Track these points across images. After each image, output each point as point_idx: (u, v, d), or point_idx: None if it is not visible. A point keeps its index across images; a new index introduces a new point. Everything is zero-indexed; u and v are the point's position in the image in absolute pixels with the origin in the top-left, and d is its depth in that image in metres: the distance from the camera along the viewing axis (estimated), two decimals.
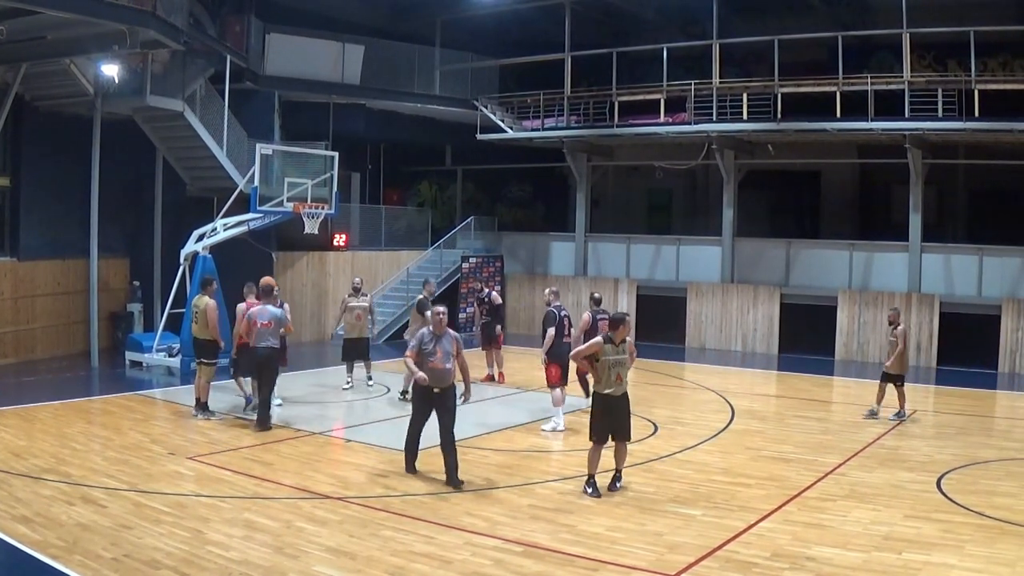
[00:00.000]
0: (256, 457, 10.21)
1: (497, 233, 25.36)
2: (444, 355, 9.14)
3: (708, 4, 20.06)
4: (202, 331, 12.26)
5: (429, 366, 9.07)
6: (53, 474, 9.22)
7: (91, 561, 6.83)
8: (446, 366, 9.15)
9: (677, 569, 6.96)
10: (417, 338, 9.28)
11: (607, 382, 8.89)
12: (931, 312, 18.67)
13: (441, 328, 9.24)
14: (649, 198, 26.46)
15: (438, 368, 9.11)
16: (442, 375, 9.16)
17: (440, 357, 9.12)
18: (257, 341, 11.48)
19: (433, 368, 9.08)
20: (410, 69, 22.42)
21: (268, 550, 7.20)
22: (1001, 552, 7.37)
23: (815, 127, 19.14)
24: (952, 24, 18.63)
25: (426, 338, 9.20)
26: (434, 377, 9.09)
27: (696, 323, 21.38)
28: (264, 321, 11.52)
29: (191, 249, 16.17)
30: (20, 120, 16.73)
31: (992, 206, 20.83)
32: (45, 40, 14.56)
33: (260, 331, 11.48)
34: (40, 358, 17.06)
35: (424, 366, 9.08)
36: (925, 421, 13.53)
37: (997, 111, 17.27)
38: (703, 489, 9.22)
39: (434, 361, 9.10)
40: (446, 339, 9.21)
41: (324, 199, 17.09)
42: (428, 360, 9.08)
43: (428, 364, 9.07)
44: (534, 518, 8.19)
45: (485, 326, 15.68)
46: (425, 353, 9.11)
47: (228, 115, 18.17)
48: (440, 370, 9.12)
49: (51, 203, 17.42)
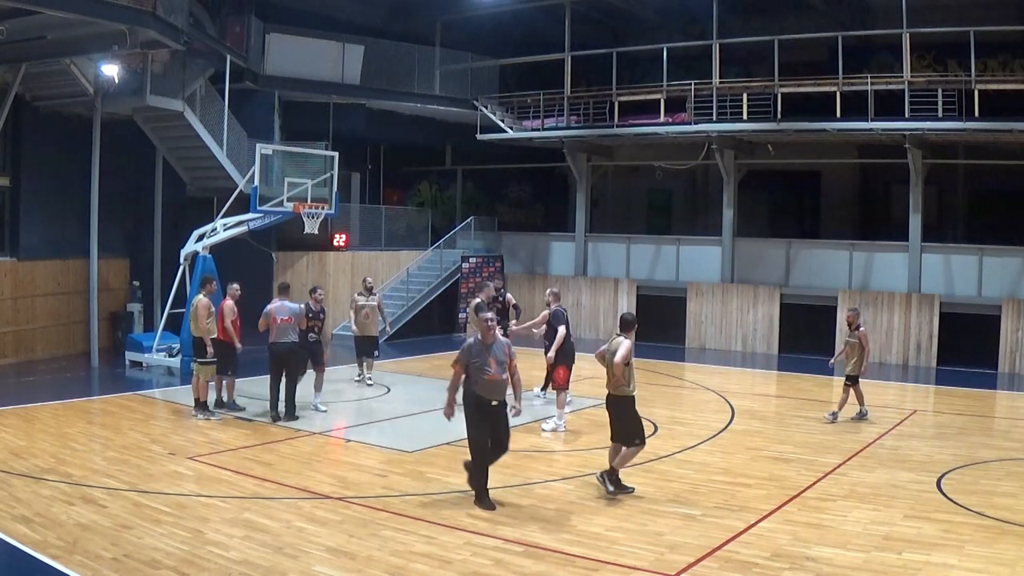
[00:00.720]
0: (256, 457, 10.21)
1: (497, 233, 25.37)
2: (498, 365, 8.48)
3: (708, 4, 20.07)
4: (196, 329, 12.34)
5: (486, 379, 8.40)
6: (53, 474, 9.22)
7: (91, 561, 6.83)
8: (502, 376, 8.51)
9: (677, 569, 6.96)
10: (464, 350, 8.56)
11: (634, 383, 8.93)
12: (931, 312, 18.67)
13: (491, 336, 8.57)
14: (649, 198, 26.48)
15: (495, 380, 8.46)
16: (499, 387, 8.52)
17: (495, 368, 8.45)
18: (278, 337, 12.08)
19: (490, 381, 8.42)
20: (410, 69, 22.44)
21: (268, 550, 7.20)
22: (1001, 552, 7.36)
23: (815, 127, 19.15)
24: (952, 24, 18.63)
25: (474, 349, 8.49)
26: (491, 389, 8.44)
27: (696, 323, 21.39)
28: (284, 317, 12.11)
29: (191, 249, 16.16)
30: (20, 120, 16.74)
31: (992, 206, 20.83)
32: (45, 40, 14.55)
33: (281, 327, 12.08)
34: (40, 358, 17.06)
35: (478, 379, 8.42)
36: (925, 421, 13.55)
37: (997, 111, 17.28)
38: (703, 489, 9.22)
39: (490, 373, 8.41)
40: (497, 347, 8.55)
41: (324, 199, 17.09)
42: (482, 373, 8.40)
43: (484, 377, 8.39)
44: (534, 518, 8.19)
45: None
46: (475, 366, 8.43)
47: (228, 115, 18.18)
48: (497, 382, 8.48)
49: (51, 203, 17.43)
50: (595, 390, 14.63)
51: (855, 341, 12.62)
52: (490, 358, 8.44)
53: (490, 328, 8.56)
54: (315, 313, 12.74)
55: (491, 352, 8.47)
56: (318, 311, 12.81)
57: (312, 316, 12.66)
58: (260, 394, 13.67)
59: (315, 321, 12.73)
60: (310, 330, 12.59)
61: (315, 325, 12.73)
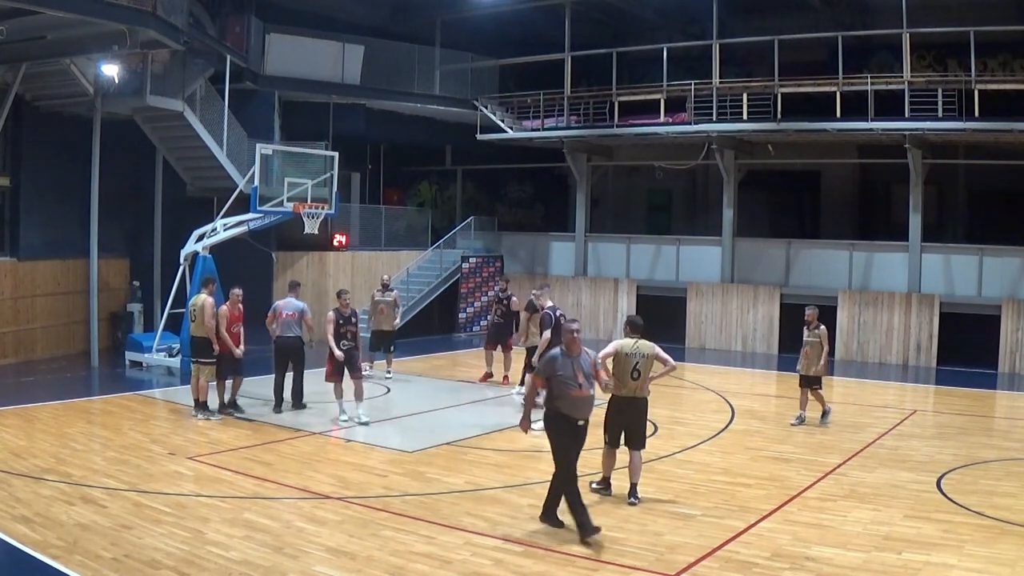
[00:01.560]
0: (256, 457, 10.21)
1: (497, 233, 25.37)
2: (586, 379, 7.74)
3: (708, 4, 20.07)
4: (198, 329, 12.30)
5: (572, 395, 7.63)
6: (53, 474, 9.22)
7: (91, 561, 6.83)
8: (590, 392, 7.79)
9: (677, 569, 6.96)
10: (548, 362, 7.80)
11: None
12: (931, 312, 18.67)
13: (577, 348, 7.84)
14: (649, 198, 26.48)
15: (583, 396, 7.71)
16: (587, 404, 7.79)
17: (582, 382, 7.70)
18: (283, 331, 12.56)
19: (578, 397, 7.67)
20: (410, 69, 22.43)
21: (268, 550, 7.20)
22: (1001, 552, 7.37)
23: (815, 127, 19.15)
24: (952, 24, 18.64)
25: (559, 362, 7.73)
26: (578, 406, 7.69)
27: (696, 323, 21.39)
28: (289, 312, 12.56)
29: (191, 249, 16.17)
30: (20, 120, 16.74)
31: (992, 206, 20.83)
32: (45, 40, 14.55)
33: (285, 321, 12.53)
34: (40, 358, 17.05)
35: (563, 396, 7.66)
36: (925, 421, 13.55)
37: (997, 111, 17.28)
38: (703, 489, 9.22)
39: (577, 389, 7.66)
40: (584, 359, 7.84)
41: (324, 199, 17.10)
42: (568, 389, 7.64)
43: (570, 393, 7.63)
44: (534, 518, 8.18)
45: (497, 326, 15.63)
46: (560, 381, 7.67)
47: (228, 115, 18.17)
48: (585, 398, 7.73)
49: (51, 203, 17.43)
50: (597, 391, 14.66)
51: (816, 341, 12.20)
52: (577, 372, 7.69)
53: (576, 339, 7.80)
54: (346, 318, 11.99)
55: (576, 365, 7.74)
56: (349, 315, 12.04)
57: (343, 321, 11.94)
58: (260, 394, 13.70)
59: (347, 327, 11.98)
60: (342, 337, 11.87)
61: (348, 331, 11.98)
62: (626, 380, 8.57)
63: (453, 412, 13.25)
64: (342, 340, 11.89)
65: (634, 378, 8.55)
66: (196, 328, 12.35)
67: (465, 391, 14.97)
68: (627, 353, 8.59)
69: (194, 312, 12.41)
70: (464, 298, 22.86)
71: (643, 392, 8.67)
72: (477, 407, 13.80)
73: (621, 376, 8.56)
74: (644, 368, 8.61)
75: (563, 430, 7.70)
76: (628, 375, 8.55)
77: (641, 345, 8.66)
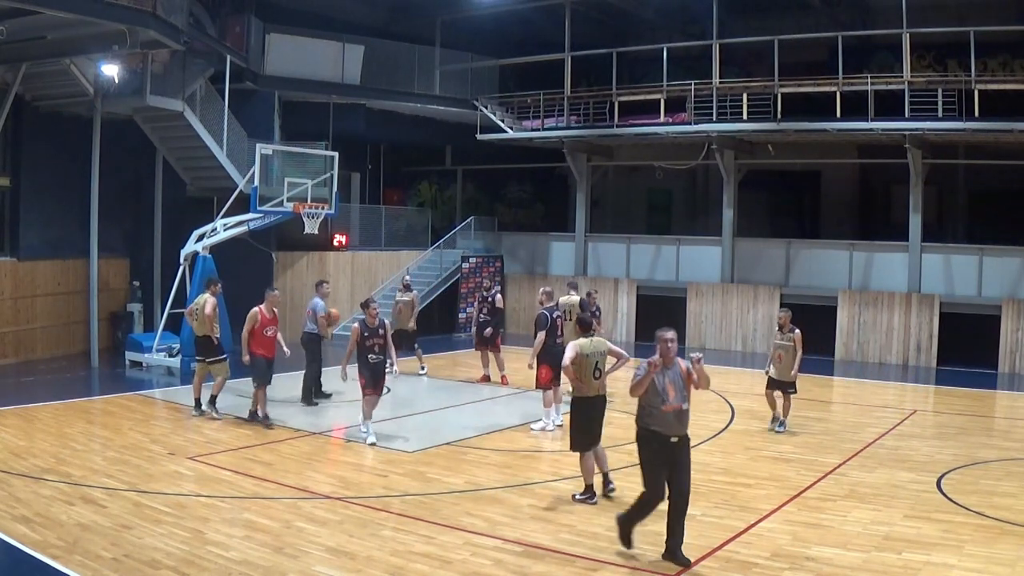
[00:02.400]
0: (256, 457, 10.21)
1: (497, 233, 25.37)
2: (678, 393, 7.14)
3: (708, 4, 20.06)
4: (200, 328, 12.33)
5: (663, 410, 7.06)
6: (53, 474, 9.22)
7: (91, 561, 6.83)
8: (683, 407, 7.16)
9: (677, 569, 6.96)
10: (644, 372, 7.14)
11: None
12: (931, 312, 18.67)
13: (670, 358, 7.24)
14: (649, 198, 26.47)
15: (675, 410, 7.09)
16: (680, 419, 7.13)
17: (673, 396, 7.10)
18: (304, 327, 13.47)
19: (669, 412, 7.06)
20: (410, 69, 22.43)
21: (268, 550, 7.20)
22: (1001, 552, 7.37)
23: (815, 127, 19.14)
24: (952, 24, 18.65)
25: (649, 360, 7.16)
26: (669, 422, 7.07)
27: (696, 323, 21.38)
28: (308, 310, 13.47)
29: (191, 249, 16.18)
30: (20, 120, 16.74)
31: (992, 206, 20.83)
32: (45, 40, 14.55)
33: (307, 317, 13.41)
34: (40, 358, 17.05)
35: (653, 410, 7.09)
36: (925, 421, 13.55)
37: (997, 111, 17.27)
38: (703, 489, 9.20)
39: (668, 403, 7.07)
40: (676, 372, 7.22)
41: (324, 199, 17.10)
42: (660, 403, 7.07)
43: (661, 408, 7.06)
44: (534, 518, 8.19)
45: (481, 325, 15.67)
46: (649, 394, 7.13)
47: (228, 115, 18.17)
48: (677, 412, 7.10)
49: (51, 203, 17.42)
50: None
51: (789, 344, 11.79)
52: (668, 385, 7.11)
53: (670, 348, 7.20)
54: (372, 329, 10.91)
55: (668, 377, 7.15)
56: (376, 327, 10.95)
57: (369, 333, 10.87)
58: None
59: (374, 339, 10.90)
60: (369, 350, 10.86)
61: (375, 343, 10.90)
62: (590, 380, 8.60)
63: (453, 412, 13.25)
64: (369, 353, 10.86)
65: (596, 377, 8.67)
66: (200, 327, 12.40)
67: (465, 391, 14.97)
68: (587, 353, 8.61)
69: (196, 311, 12.46)
70: (464, 298, 22.85)
71: (604, 390, 8.82)
72: (477, 407, 13.81)
73: (585, 377, 8.58)
74: (602, 365, 8.74)
75: (653, 448, 7.10)
76: (591, 375, 8.61)
77: (595, 343, 8.77)
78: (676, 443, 7.07)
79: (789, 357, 11.84)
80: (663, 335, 7.24)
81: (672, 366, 7.21)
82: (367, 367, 10.87)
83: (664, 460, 7.06)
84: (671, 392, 7.09)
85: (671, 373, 7.17)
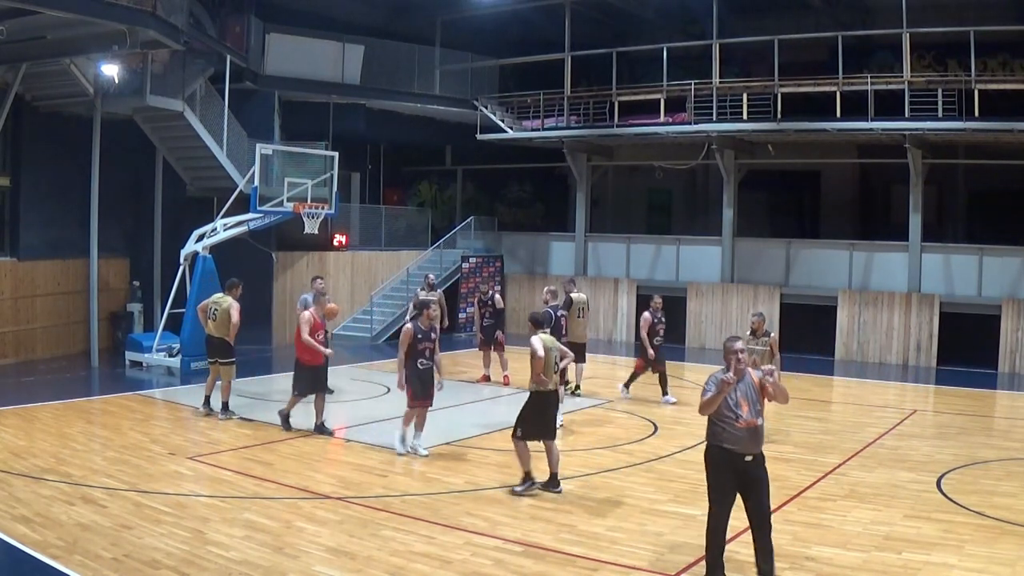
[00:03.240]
0: (256, 457, 10.21)
1: (497, 233, 25.37)
2: (751, 408, 6.50)
3: (708, 4, 20.06)
4: (219, 329, 12.12)
5: (736, 426, 6.44)
6: (53, 474, 9.22)
7: (91, 561, 6.83)
8: (758, 422, 6.54)
9: (677, 569, 6.96)
10: (716, 379, 6.50)
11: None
12: (931, 312, 18.67)
13: (742, 371, 6.57)
14: (649, 198, 26.47)
15: (749, 427, 6.47)
16: (754, 436, 6.51)
17: (747, 411, 6.47)
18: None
19: (743, 428, 6.45)
20: (410, 69, 22.44)
21: (268, 550, 7.20)
22: (1001, 552, 7.37)
23: (815, 127, 19.15)
24: (952, 24, 18.63)
25: (719, 387, 6.46)
26: (743, 440, 6.45)
27: (696, 323, 21.38)
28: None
29: (191, 249, 16.18)
30: (20, 120, 16.73)
31: (992, 206, 20.83)
32: (45, 40, 14.55)
33: None
34: (40, 358, 17.05)
35: (724, 426, 6.48)
36: (925, 421, 13.55)
37: (997, 111, 17.28)
38: (703, 489, 9.15)
39: (742, 419, 6.46)
40: (748, 384, 6.58)
41: (324, 199, 17.10)
42: (734, 420, 6.45)
43: (735, 423, 6.44)
44: (534, 518, 8.19)
45: (487, 328, 15.68)
46: (725, 407, 6.48)
47: (228, 115, 18.17)
48: (752, 429, 6.48)
49: (51, 203, 17.41)
50: (598, 390, 14.66)
51: (765, 350, 11.08)
52: (741, 398, 6.49)
53: (742, 360, 6.55)
54: (426, 332, 10.30)
55: (742, 391, 6.52)
56: (429, 330, 10.35)
57: (422, 336, 10.24)
58: (261, 393, 13.71)
59: (427, 343, 10.27)
60: (420, 354, 10.21)
61: (426, 348, 10.26)
62: (551, 375, 8.99)
63: (453, 412, 13.24)
64: (419, 358, 10.24)
65: (555, 371, 9.07)
66: (217, 328, 12.13)
67: (465, 391, 14.96)
68: (549, 348, 9.02)
69: (216, 311, 12.13)
70: (464, 298, 22.84)
71: (557, 384, 9.25)
72: (477, 407, 13.81)
73: (548, 372, 8.94)
74: (558, 360, 9.19)
75: (725, 468, 6.53)
76: (552, 370, 8.99)
77: (551, 339, 9.25)
78: (750, 462, 6.49)
79: (763, 362, 10.65)
80: (732, 346, 6.58)
81: (743, 377, 6.57)
82: (416, 374, 10.21)
83: (736, 481, 6.53)
84: (744, 407, 6.46)
85: (743, 386, 6.53)
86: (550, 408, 9.13)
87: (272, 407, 12.27)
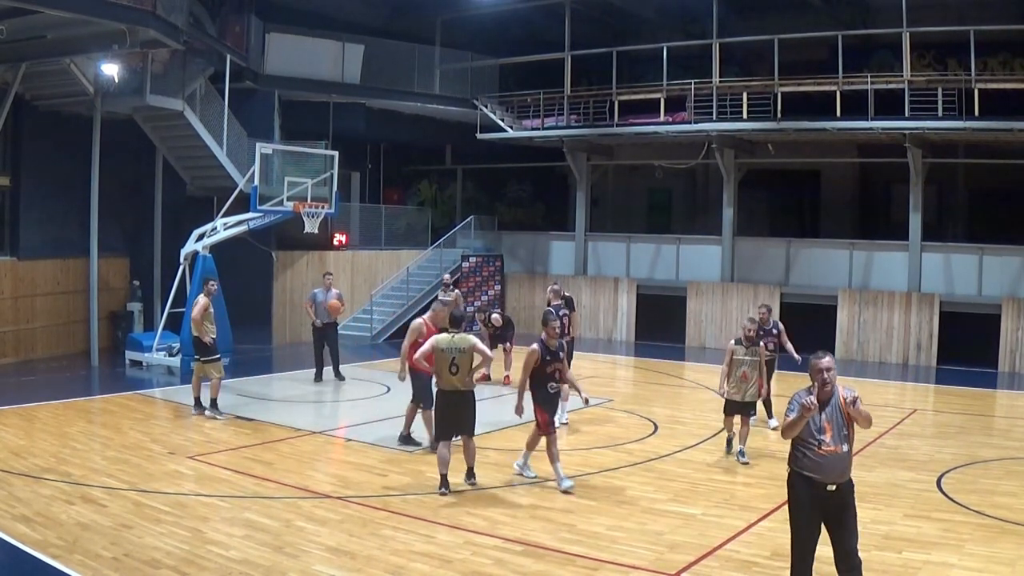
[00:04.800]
0: (256, 457, 10.21)
1: (497, 232, 25.37)
2: (836, 433, 5.81)
3: (708, 4, 20.06)
4: (195, 326, 12.36)
5: (819, 452, 5.79)
6: (53, 474, 9.22)
7: (91, 561, 6.83)
8: (843, 449, 5.84)
9: (677, 568, 6.96)
10: (798, 402, 5.77)
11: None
12: (931, 311, 18.67)
13: (828, 392, 5.83)
14: (649, 198, 26.47)
15: (833, 453, 5.80)
16: (839, 465, 5.85)
17: (831, 437, 5.79)
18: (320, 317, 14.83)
19: (824, 455, 5.79)
20: (410, 69, 22.43)
21: (268, 550, 7.20)
22: (1001, 551, 7.37)
23: (815, 127, 19.14)
24: (952, 24, 18.64)
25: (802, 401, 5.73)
26: (825, 467, 5.80)
27: (696, 323, 21.38)
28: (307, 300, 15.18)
29: (191, 249, 16.17)
30: (20, 120, 16.71)
31: (992, 206, 20.84)
32: (45, 40, 14.53)
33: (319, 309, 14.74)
34: (40, 358, 17.05)
35: (806, 451, 5.84)
36: (925, 420, 13.55)
37: (997, 110, 17.27)
38: (703, 488, 9.22)
39: (825, 446, 5.79)
40: (834, 406, 5.84)
41: (324, 198, 17.08)
42: (816, 446, 5.80)
43: (817, 450, 5.79)
44: (534, 518, 8.19)
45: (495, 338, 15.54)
46: (807, 432, 5.83)
47: (228, 115, 18.16)
48: (836, 456, 5.81)
49: (51, 202, 17.41)
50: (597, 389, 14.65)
51: (755, 360, 10.49)
52: (825, 422, 5.80)
53: (827, 382, 5.81)
54: (553, 352, 8.94)
55: (826, 415, 5.82)
56: (556, 349, 8.99)
57: (551, 357, 8.90)
58: (261, 393, 13.70)
59: (555, 364, 8.94)
60: (550, 377, 8.91)
61: (556, 370, 8.97)
62: (444, 374, 8.90)
63: None
64: (549, 382, 8.98)
65: (452, 372, 8.88)
66: (194, 325, 12.42)
67: None
68: (443, 348, 8.92)
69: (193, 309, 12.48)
70: (464, 297, 22.83)
71: (467, 385, 8.97)
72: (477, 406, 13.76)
73: (440, 371, 8.93)
74: (462, 362, 8.88)
75: (806, 497, 5.86)
76: (447, 369, 8.88)
77: (457, 339, 8.96)
78: (834, 491, 5.82)
79: (755, 375, 10.44)
80: (819, 363, 5.84)
81: (830, 399, 5.84)
82: (548, 401, 9.01)
83: (819, 512, 5.85)
84: (828, 431, 5.79)
85: (828, 408, 5.82)
86: (447, 407, 8.95)
87: (272, 407, 12.27)
